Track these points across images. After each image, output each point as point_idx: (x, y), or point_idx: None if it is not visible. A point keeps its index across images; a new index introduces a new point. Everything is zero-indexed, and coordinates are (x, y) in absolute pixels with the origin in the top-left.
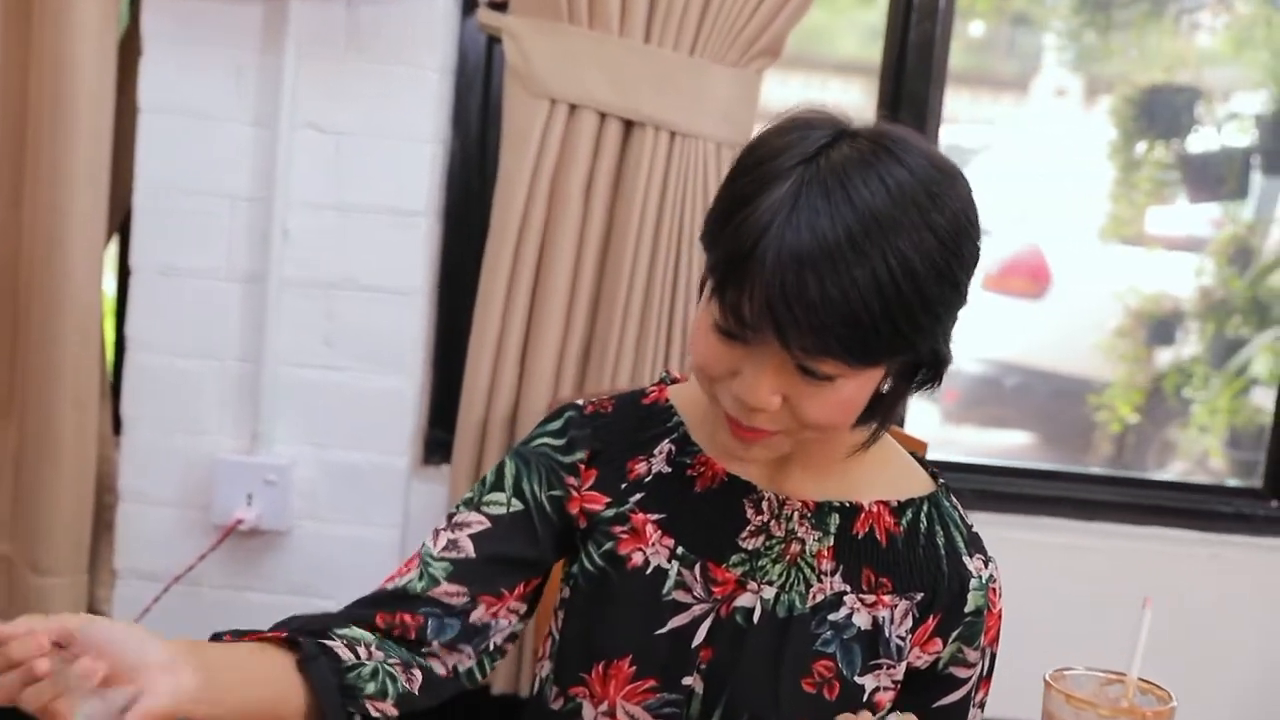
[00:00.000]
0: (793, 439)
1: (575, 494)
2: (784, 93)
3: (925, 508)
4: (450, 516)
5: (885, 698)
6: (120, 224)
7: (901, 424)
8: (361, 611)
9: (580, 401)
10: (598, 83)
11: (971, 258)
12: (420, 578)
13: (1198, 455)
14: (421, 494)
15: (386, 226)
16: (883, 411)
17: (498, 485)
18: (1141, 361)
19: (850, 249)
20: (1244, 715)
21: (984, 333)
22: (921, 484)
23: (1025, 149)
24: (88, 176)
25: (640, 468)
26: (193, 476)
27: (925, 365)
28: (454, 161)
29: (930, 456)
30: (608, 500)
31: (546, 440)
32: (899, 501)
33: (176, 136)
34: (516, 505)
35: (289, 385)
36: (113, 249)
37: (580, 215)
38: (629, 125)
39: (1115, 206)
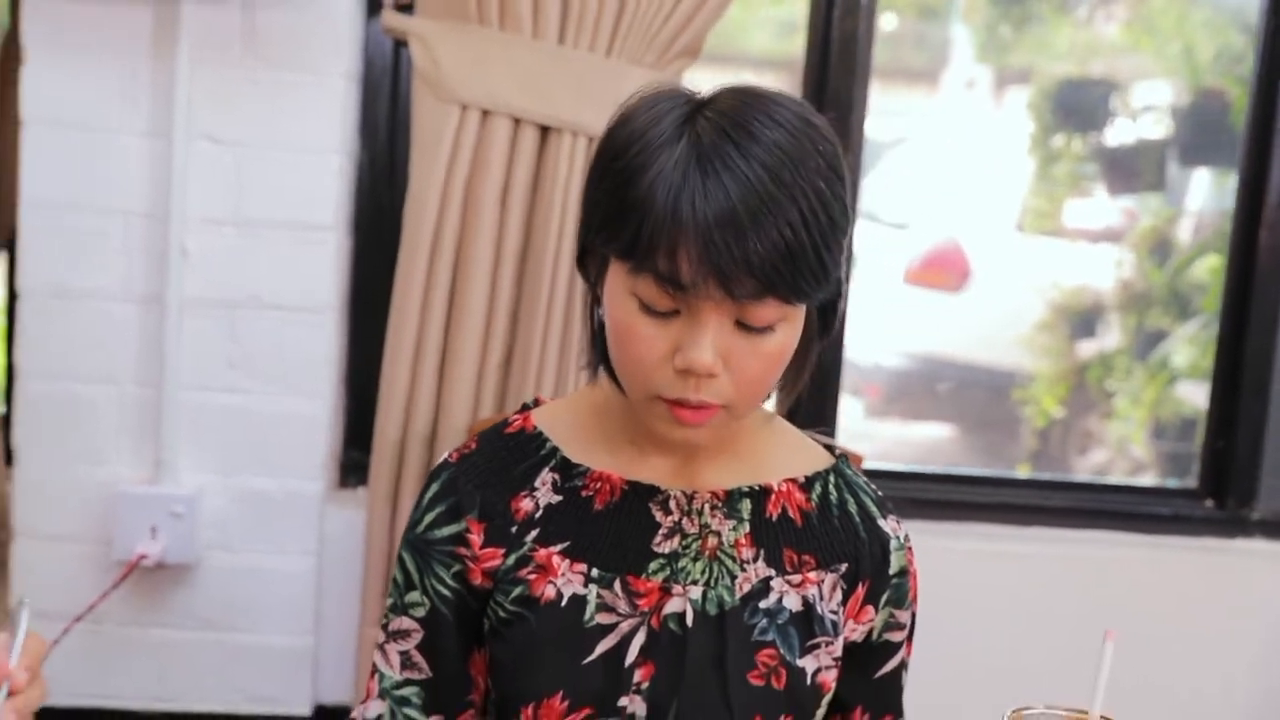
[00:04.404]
0: (730, 416)
1: (473, 563)
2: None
3: (831, 479)
4: (385, 626)
5: (828, 678)
6: (7, 244)
7: (833, 432)
8: None
9: (446, 455)
10: (511, 87)
11: (848, 179)
12: (394, 717)
13: (1117, 442)
14: (337, 520)
15: (292, 242)
16: (798, 365)
17: (409, 584)
18: (1064, 355)
19: (775, 185)
20: None
21: (905, 327)
22: (822, 458)
23: (940, 142)
24: None
25: (526, 505)
26: (92, 510)
27: (827, 306)
28: (362, 172)
29: (855, 456)
30: (503, 551)
31: (429, 519)
32: (806, 477)
33: (64, 150)
34: (431, 603)
35: (192, 411)
36: (1, 269)
37: (496, 225)
38: (545, 131)
39: (1034, 200)
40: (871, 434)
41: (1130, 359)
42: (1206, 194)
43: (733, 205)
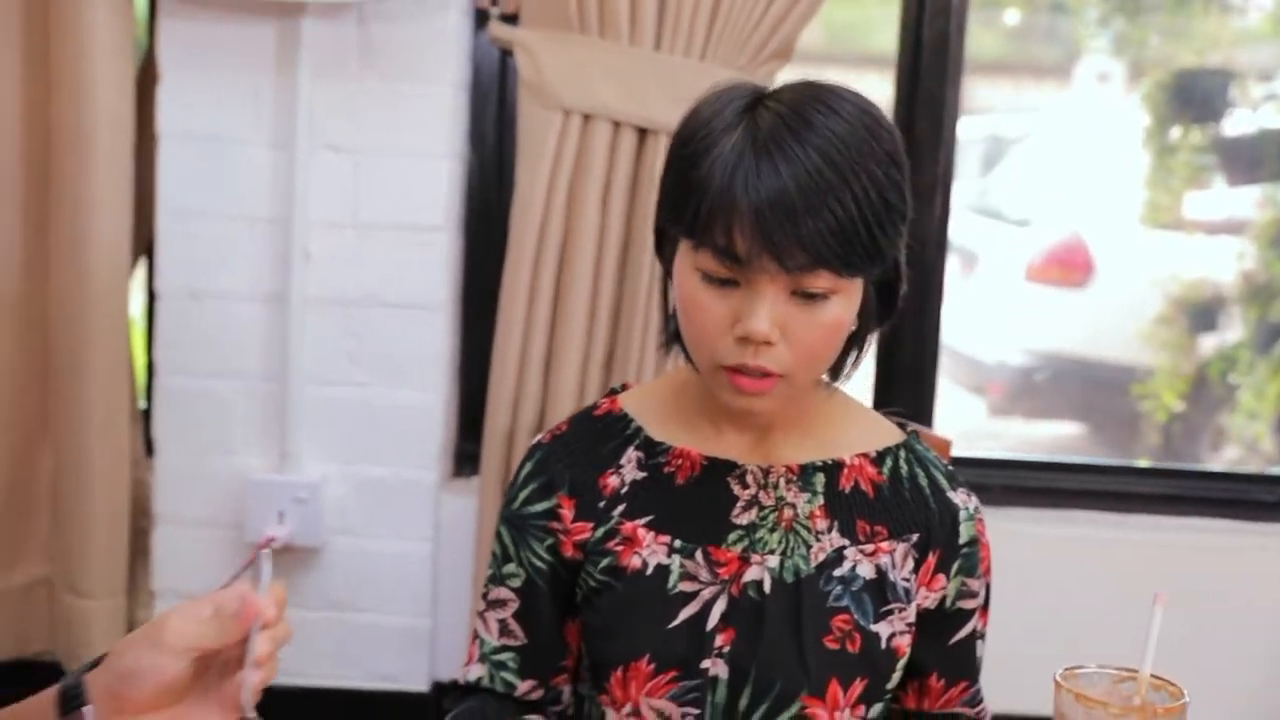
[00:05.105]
0: (789, 386)
1: (564, 537)
2: None
3: (902, 453)
4: (485, 595)
5: (902, 643)
6: (147, 248)
7: (930, 423)
8: None
9: (539, 436)
10: (610, 92)
11: (907, 168)
12: (492, 679)
13: (1248, 441)
14: (452, 507)
15: (406, 244)
16: (857, 344)
17: (506, 556)
18: (1185, 349)
19: (829, 168)
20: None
21: (1028, 324)
22: (893, 433)
23: (1067, 136)
24: (110, 203)
25: (613, 481)
26: (225, 496)
27: (886, 287)
28: (472, 176)
29: (972, 450)
30: (592, 525)
31: (524, 496)
32: (877, 451)
33: (196, 161)
34: (527, 574)
35: (315, 403)
36: (141, 273)
37: (598, 225)
38: (643, 133)
39: (1152, 193)
40: (996, 432)
41: (1252, 352)
42: None
43: (784, 185)
